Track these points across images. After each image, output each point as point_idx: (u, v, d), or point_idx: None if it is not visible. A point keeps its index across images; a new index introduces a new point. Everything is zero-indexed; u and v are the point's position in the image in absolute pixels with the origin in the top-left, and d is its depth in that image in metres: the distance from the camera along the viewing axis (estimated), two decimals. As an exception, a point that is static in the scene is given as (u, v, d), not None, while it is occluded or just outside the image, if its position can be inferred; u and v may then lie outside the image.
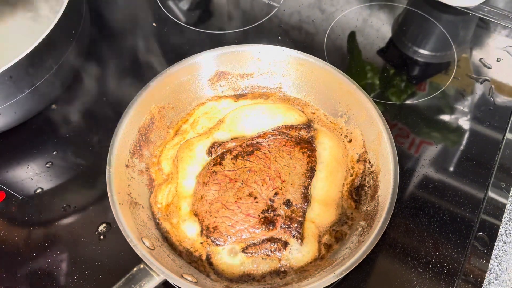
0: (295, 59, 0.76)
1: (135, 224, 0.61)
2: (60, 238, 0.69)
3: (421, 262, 0.68)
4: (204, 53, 0.75)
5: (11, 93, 0.68)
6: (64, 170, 0.76)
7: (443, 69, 0.91)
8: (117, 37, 0.94)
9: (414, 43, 0.94)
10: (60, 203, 0.73)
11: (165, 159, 0.71)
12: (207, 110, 0.77)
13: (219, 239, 0.62)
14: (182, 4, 1.01)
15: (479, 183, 0.75)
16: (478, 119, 0.82)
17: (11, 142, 0.79)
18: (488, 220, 0.72)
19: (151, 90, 0.71)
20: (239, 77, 0.79)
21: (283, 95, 0.79)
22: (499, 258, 0.69)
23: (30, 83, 0.69)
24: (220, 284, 0.60)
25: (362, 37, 0.95)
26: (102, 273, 0.66)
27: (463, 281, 0.66)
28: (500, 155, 0.78)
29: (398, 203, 0.71)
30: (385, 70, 0.90)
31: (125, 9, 0.99)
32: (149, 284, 0.56)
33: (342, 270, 0.55)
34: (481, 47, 0.93)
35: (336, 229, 0.65)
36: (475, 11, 0.98)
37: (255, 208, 0.64)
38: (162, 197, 0.68)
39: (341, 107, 0.74)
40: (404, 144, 0.79)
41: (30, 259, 0.68)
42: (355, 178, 0.70)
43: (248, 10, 0.99)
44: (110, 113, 0.82)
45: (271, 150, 0.68)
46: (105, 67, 0.89)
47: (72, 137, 0.79)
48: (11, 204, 0.73)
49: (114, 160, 0.64)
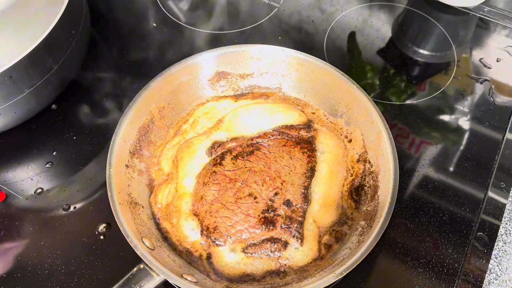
0: (295, 59, 0.76)
1: (135, 224, 0.61)
2: (60, 238, 0.69)
3: (421, 262, 0.68)
4: (204, 53, 0.75)
5: (11, 93, 0.68)
6: (64, 170, 0.76)
7: (443, 69, 0.91)
8: (117, 37, 0.94)
9: (414, 43, 0.94)
10: (60, 203, 0.73)
11: (165, 159, 0.71)
12: (207, 110, 0.77)
13: (219, 239, 0.62)
14: (182, 4, 1.01)
15: (479, 183, 0.75)
16: (478, 119, 0.82)
17: (11, 142, 0.79)
18: (488, 220, 0.72)
19: (151, 90, 0.71)
20: (239, 77, 0.79)
21: (283, 95, 0.79)
22: (499, 258, 0.69)
23: (30, 83, 0.69)
24: (220, 284, 0.60)
25: (362, 37, 0.95)
26: (102, 273, 0.66)
27: (463, 281, 0.66)
28: (500, 155, 0.78)
29: (398, 203, 0.71)
30: (385, 70, 0.90)
31: (125, 9, 0.99)
32: (149, 284, 0.56)
33: (342, 270, 0.55)
34: (481, 47, 0.93)
35: (336, 229, 0.65)
36: (475, 11, 0.98)
37: (255, 208, 0.64)
38: (162, 197, 0.68)
39: (341, 107, 0.74)
40: (404, 144, 0.79)
41: (30, 259, 0.68)
42: (355, 178, 0.70)
43: (248, 10, 0.99)
44: (110, 113, 0.82)
45: (271, 150, 0.69)
46: (105, 67, 0.89)
47: (72, 137, 0.79)
48: (11, 204, 0.73)
49: (114, 160, 0.65)
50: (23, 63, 0.65)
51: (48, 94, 0.77)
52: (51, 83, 0.73)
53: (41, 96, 0.74)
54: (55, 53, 0.71)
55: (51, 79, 0.72)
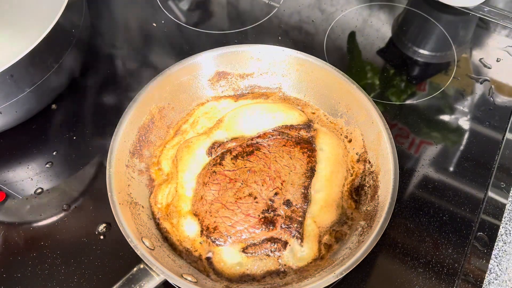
0: (295, 59, 0.76)
1: (135, 224, 0.61)
2: (60, 238, 0.69)
3: (421, 262, 0.68)
4: (204, 53, 0.75)
5: (12, 92, 0.68)
6: (64, 170, 0.76)
7: (443, 69, 0.91)
8: (117, 37, 0.94)
9: (414, 43, 0.94)
10: (60, 203, 0.73)
11: (165, 159, 0.71)
12: (207, 110, 0.77)
13: (219, 239, 0.62)
14: (182, 4, 1.01)
15: (479, 183, 0.75)
16: (478, 119, 0.83)
17: (11, 142, 0.79)
18: (488, 220, 0.72)
19: (151, 90, 0.71)
20: (239, 77, 0.79)
21: (283, 95, 0.79)
22: (499, 258, 0.69)
23: (31, 82, 0.69)
24: (220, 284, 0.60)
25: (362, 37, 0.95)
26: (102, 273, 0.66)
27: (463, 281, 0.66)
28: (500, 155, 0.78)
29: (398, 203, 0.71)
30: (385, 70, 0.90)
31: (125, 9, 0.99)
32: (149, 284, 0.56)
33: (342, 270, 0.55)
34: (481, 47, 0.93)
35: (336, 229, 0.65)
36: (475, 11, 0.98)
37: (255, 208, 0.64)
38: (162, 197, 0.68)
39: (341, 107, 0.74)
40: (404, 144, 0.79)
41: (30, 259, 0.68)
42: (355, 178, 0.70)
43: (248, 10, 0.99)
44: (110, 113, 0.82)
45: (271, 150, 0.68)
46: (105, 67, 0.89)
47: (72, 137, 0.79)
48: (11, 204, 0.73)
49: (114, 160, 0.64)
50: (24, 62, 0.65)
51: (49, 93, 0.77)
52: (52, 82, 0.73)
53: (42, 95, 0.74)
54: (55, 52, 0.71)
55: (51, 78, 0.72)
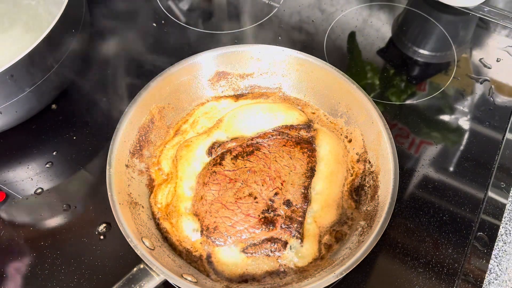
0: (295, 59, 0.76)
1: (135, 224, 0.61)
2: (60, 238, 0.69)
3: (421, 262, 0.68)
4: (204, 53, 0.75)
5: (12, 92, 0.68)
6: (64, 170, 0.76)
7: (443, 69, 0.91)
8: (117, 37, 0.94)
9: (414, 43, 0.94)
10: (60, 203, 0.73)
11: (165, 159, 0.71)
12: (207, 110, 0.77)
13: (219, 239, 0.62)
14: (182, 4, 1.01)
15: (479, 183, 0.75)
16: (478, 119, 0.83)
17: (11, 142, 0.79)
18: (488, 220, 0.72)
19: (151, 90, 0.71)
20: (239, 77, 0.79)
21: (283, 95, 0.79)
22: (499, 258, 0.69)
23: (31, 82, 0.69)
24: (220, 284, 0.60)
25: (362, 37, 0.95)
26: (102, 273, 0.66)
27: (463, 281, 0.66)
28: (500, 155, 0.78)
29: (398, 203, 0.71)
30: (385, 70, 0.90)
31: (125, 9, 0.99)
32: (149, 284, 0.56)
33: (342, 270, 0.55)
34: (481, 47, 0.93)
35: (336, 229, 0.65)
36: (475, 11, 0.98)
37: (255, 208, 0.64)
38: (162, 197, 0.68)
39: (341, 107, 0.74)
40: (404, 144, 0.79)
41: (30, 259, 0.68)
42: (355, 178, 0.70)
43: (248, 10, 0.99)
44: (110, 113, 0.82)
45: (271, 150, 0.68)
46: (105, 67, 0.89)
47: (72, 137, 0.79)
48: (11, 204, 0.73)
49: (114, 160, 0.64)
50: (24, 62, 0.65)
51: (49, 93, 0.77)
52: (52, 82, 0.73)
53: (42, 95, 0.74)
54: (55, 52, 0.71)
55: (52, 78, 0.72)
